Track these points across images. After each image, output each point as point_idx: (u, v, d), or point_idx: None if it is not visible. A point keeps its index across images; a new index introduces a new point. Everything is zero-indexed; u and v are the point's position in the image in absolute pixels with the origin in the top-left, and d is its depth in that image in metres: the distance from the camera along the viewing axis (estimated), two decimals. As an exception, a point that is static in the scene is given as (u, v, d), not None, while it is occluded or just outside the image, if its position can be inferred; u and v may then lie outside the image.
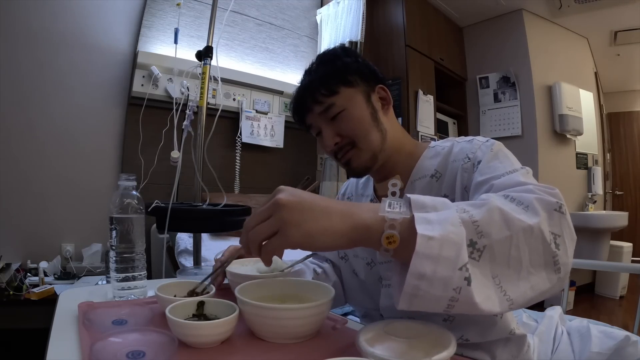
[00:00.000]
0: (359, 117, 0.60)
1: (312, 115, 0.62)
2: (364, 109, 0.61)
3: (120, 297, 0.58)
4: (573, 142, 2.76)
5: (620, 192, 3.39)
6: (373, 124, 0.61)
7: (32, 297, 1.34)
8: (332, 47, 0.66)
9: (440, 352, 0.32)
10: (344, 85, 0.60)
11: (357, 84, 0.61)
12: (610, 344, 0.64)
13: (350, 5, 2.26)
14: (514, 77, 2.63)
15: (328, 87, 0.60)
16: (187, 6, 1.98)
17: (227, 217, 1.10)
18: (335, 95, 0.60)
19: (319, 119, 0.61)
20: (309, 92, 0.61)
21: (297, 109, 0.65)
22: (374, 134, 0.60)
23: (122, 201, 0.58)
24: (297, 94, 0.64)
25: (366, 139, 0.60)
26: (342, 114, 0.60)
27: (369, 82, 0.63)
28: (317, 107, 0.61)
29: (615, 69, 3.19)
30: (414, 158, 0.63)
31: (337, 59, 0.62)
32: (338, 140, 0.61)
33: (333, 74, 0.61)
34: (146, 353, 0.37)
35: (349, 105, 0.60)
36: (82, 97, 1.80)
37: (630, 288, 2.76)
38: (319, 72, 0.62)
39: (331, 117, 0.60)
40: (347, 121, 0.60)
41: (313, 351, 0.40)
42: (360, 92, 0.61)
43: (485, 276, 0.34)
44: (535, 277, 0.35)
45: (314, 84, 0.61)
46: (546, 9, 2.59)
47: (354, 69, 0.62)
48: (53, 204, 1.71)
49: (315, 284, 0.50)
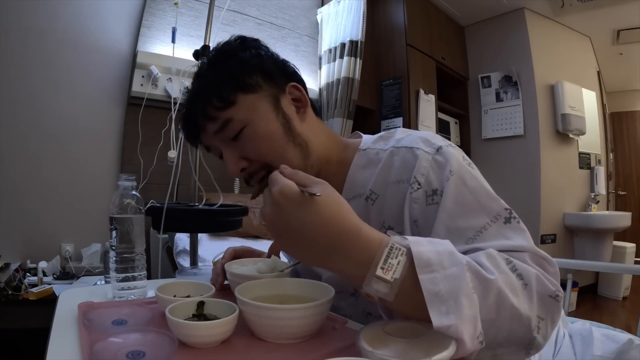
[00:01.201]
0: (267, 133, 0.47)
1: (206, 135, 0.49)
2: (272, 121, 0.47)
3: (120, 297, 0.58)
4: (576, 142, 2.75)
5: (623, 192, 3.37)
6: (287, 138, 0.48)
7: (30, 297, 1.34)
8: (227, 40, 0.51)
9: (440, 352, 0.32)
10: (241, 91, 0.47)
11: (260, 88, 0.48)
12: (613, 348, 0.63)
13: (350, 5, 2.26)
14: (516, 76, 2.63)
15: (220, 97, 0.46)
16: (187, 6, 1.98)
17: (223, 217, 1.10)
18: (231, 108, 0.46)
19: (216, 139, 0.48)
20: (198, 105, 0.47)
21: (187, 127, 0.50)
22: (290, 151, 0.48)
23: (122, 201, 0.57)
24: (185, 108, 0.50)
25: (282, 159, 0.46)
26: (245, 131, 0.46)
27: (277, 81, 0.49)
28: (210, 125, 0.47)
29: (618, 68, 3.17)
30: (344, 166, 0.51)
31: (231, 57, 0.48)
32: (245, 165, 0.48)
33: (226, 78, 0.47)
34: (146, 353, 0.36)
35: (252, 118, 0.46)
36: (82, 97, 1.80)
37: (634, 289, 2.75)
38: (209, 77, 0.48)
39: (231, 136, 0.47)
40: (252, 141, 0.47)
41: (313, 351, 0.40)
42: (265, 98, 0.48)
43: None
44: (507, 356, 0.35)
45: (204, 94, 0.47)
46: (548, 7, 2.58)
47: (254, 66, 0.48)
48: (53, 204, 1.71)
49: (315, 284, 0.50)
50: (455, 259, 0.32)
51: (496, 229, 0.39)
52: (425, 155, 0.44)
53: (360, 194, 0.48)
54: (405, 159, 0.45)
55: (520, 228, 0.40)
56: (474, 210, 0.40)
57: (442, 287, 0.30)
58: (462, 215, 0.40)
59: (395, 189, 0.45)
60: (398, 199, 0.44)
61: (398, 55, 2.40)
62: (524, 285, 0.34)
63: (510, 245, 0.38)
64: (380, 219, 0.46)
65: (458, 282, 0.30)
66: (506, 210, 0.41)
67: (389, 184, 0.46)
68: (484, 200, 0.41)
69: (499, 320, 0.33)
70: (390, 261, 0.31)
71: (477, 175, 0.43)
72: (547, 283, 0.35)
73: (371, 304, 0.48)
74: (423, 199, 0.43)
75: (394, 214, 0.45)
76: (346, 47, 2.24)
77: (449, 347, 0.33)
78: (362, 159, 0.50)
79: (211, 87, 0.47)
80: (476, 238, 0.39)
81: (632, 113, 3.52)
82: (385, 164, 0.47)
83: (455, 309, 0.29)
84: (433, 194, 0.42)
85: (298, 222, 0.32)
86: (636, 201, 3.41)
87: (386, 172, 0.47)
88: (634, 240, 2.85)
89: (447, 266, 0.31)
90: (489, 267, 0.34)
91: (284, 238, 0.33)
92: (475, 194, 0.41)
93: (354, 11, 2.24)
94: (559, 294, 0.35)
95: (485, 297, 0.32)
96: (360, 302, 0.53)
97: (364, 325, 0.39)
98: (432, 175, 0.43)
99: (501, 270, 0.34)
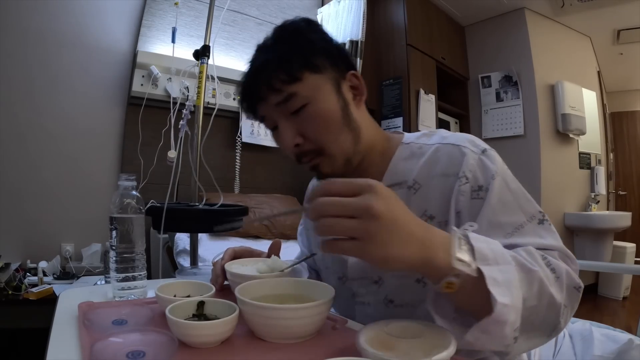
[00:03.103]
0: (327, 113, 0.48)
1: (265, 106, 0.50)
2: (333, 103, 0.49)
3: (120, 297, 0.58)
4: (576, 142, 2.75)
5: (623, 192, 3.37)
6: (343, 121, 0.50)
7: (30, 296, 1.34)
8: (292, 19, 0.52)
9: (440, 352, 0.32)
10: (309, 70, 0.48)
11: (325, 70, 0.49)
12: (613, 348, 0.63)
13: (351, 4, 2.26)
14: (516, 76, 2.62)
15: (289, 72, 0.47)
16: (187, 6, 1.98)
17: (223, 217, 1.10)
18: (297, 83, 0.47)
19: (275, 112, 0.49)
20: (263, 76, 0.48)
21: (247, 96, 0.52)
22: (344, 135, 0.50)
23: (122, 201, 0.57)
24: (247, 77, 0.51)
25: (336, 142, 0.49)
26: (306, 108, 0.48)
27: (340, 67, 0.51)
28: (273, 96, 0.48)
29: (618, 67, 3.17)
30: (386, 157, 0.53)
31: (300, 36, 0.50)
32: (299, 141, 0.49)
33: (296, 54, 0.48)
34: (146, 353, 0.36)
35: (315, 96, 0.48)
36: (82, 96, 1.80)
37: (634, 289, 2.75)
38: (278, 51, 0.49)
39: (292, 111, 0.48)
40: (312, 118, 0.48)
41: (313, 351, 0.40)
42: (328, 81, 0.49)
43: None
44: (535, 339, 0.40)
45: (271, 66, 0.48)
46: (549, 7, 2.58)
47: (321, 49, 0.50)
48: (53, 204, 1.72)
49: (315, 284, 0.50)
50: (506, 258, 0.36)
51: (531, 228, 0.44)
52: (472, 154, 0.47)
53: (401, 182, 0.50)
54: (452, 155, 0.48)
55: (551, 230, 0.45)
56: (514, 210, 0.45)
57: (498, 275, 0.34)
58: (503, 213, 0.44)
59: (441, 181, 0.48)
60: (444, 190, 0.47)
61: (398, 55, 2.40)
62: (556, 278, 0.39)
63: (543, 243, 0.43)
64: (422, 207, 0.49)
65: (509, 276, 0.34)
66: (540, 212, 0.46)
67: (433, 176, 0.49)
68: (522, 202, 0.46)
69: (540, 307, 0.38)
70: (462, 247, 0.35)
71: (516, 180, 0.48)
72: (573, 276, 0.41)
73: (394, 292, 0.52)
74: (469, 193, 0.46)
75: (437, 203, 0.48)
76: (346, 47, 2.24)
77: (449, 347, 0.33)
78: (405, 151, 0.53)
79: (279, 60, 0.48)
80: (514, 234, 0.44)
81: (632, 113, 3.51)
82: (430, 158, 0.50)
83: (509, 294, 0.33)
84: (479, 189, 0.46)
85: (403, 215, 0.33)
86: (636, 201, 3.40)
87: (431, 165, 0.49)
88: (634, 240, 2.85)
89: (500, 262, 0.35)
90: (529, 259, 0.38)
91: (390, 234, 0.32)
92: (515, 196, 0.46)
93: (354, 11, 2.24)
94: (581, 286, 0.41)
95: (530, 285, 0.37)
96: (382, 290, 0.53)
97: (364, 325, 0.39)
98: (478, 173, 0.46)
99: (539, 264, 0.39)
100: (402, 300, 0.51)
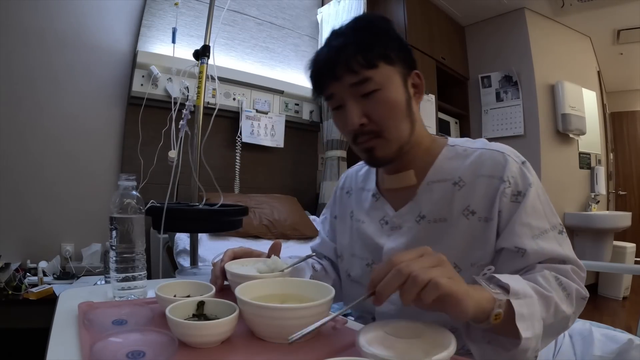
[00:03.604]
0: (395, 101, 0.53)
1: (338, 85, 0.53)
2: (400, 93, 0.54)
3: (120, 297, 0.58)
4: (576, 142, 2.75)
5: (623, 192, 3.37)
6: (406, 112, 0.55)
7: (30, 296, 1.34)
8: (369, 13, 0.60)
9: (440, 352, 0.32)
10: (384, 61, 0.52)
11: (397, 64, 0.54)
12: (613, 347, 0.63)
13: (351, 4, 2.26)
14: (516, 76, 2.62)
15: (367, 58, 0.51)
16: (187, 6, 1.98)
17: (223, 217, 1.10)
18: (373, 69, 0.51)
19: (346, 92, 0.53)
20: (343, 57, 0.51)
21: (320, 73, 0.55)
22: (405, 123, 0.55)
23: (122, 201, 0.57)
24: (324, 56, 0.54)
25: (396, 128, 0.54)
26: (377, 93, 0.52)
27: (408, 64, 0.56)
28: (348, 77, 0.52)
29: (618, 67, 3.17)
30: (430, 155, 0.58)
31: (379, 28, 0.54)
32: (364, 121, 0.53)
33: (375, 43, 0.52)
34: (146, 353, 0.36)
35: (386, 85, 0.52)
36: (82, 96, 1.80)
37: (634, 289, 2.75)
38: (359, 37, 0.53)
39: (363, 93, 0.52)
40: (380, 103, 0.52)
41: (313, 351, 0.40)
42: (398, 73, 0.54)
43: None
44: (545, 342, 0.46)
45: (351, 49, 0.51)
46: (549, 7, 2.58)
47: (397, 45, 0.54)
48: (53, 204, 1.72)
49: (315, 284, 0.50)
50: (529, 292, 0.43)
51: (553, 235, 0.52)
52: (514, 162, 0.54)
53: (446, 178, 0.56)
54: (496, 160, 0.54)
55: (568, 241, 0.53)
56: (541, 217, 0.52)
57: (524, 310, 0.41)
58: (533, 217, 0.51)
59: (486, 181, 0.53)
60: (488, 189, 0.53)
61: (398, 55, 2.40)
62: (567, 295, 0.47)
63: (561, 253, 0.50)
64: (466, 202, 0.54)
65: (533, 309, 0.42)
66: (560, 224, 0.54)
67: (478, 175, 0.54)
68: (547, 212, 0.53)
69: (555, 323, 0.46)
70: (496, 289, 0.42)
71: (545, 192, 0.55)
72: (581, 290, 0.49)
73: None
74: (509, 196, 0.52)
75: (480, 201, 0.53)
76: (346, 47, 2.24)
77: (448, 347, 0.33)
78: (451, 152, 0.58)
79: (359, 45, 0.52)
80: (539, 237, 0.50)
81: (632, 113, 3.51)
82: (476, 160, 0.55)
83: (531, 327, 0.41)
84: (517, 194, 0.52)
85: (454, 272, 0.40)
86: (636, 201, 3.40)
87: (476, 166, 0.55)
88: (634, 240, 2.85)
89: (528, 296, 0.43)
90: (546, 286, 0.46)
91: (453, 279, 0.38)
92: (544, 206, 0.53)
93: (354, 11, 2.24)
94: (587, 296, 0.49)
95: (548, 308, 0.45)
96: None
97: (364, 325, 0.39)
98: (519, 180, 0.53)
99: (553, 287, 0.47)
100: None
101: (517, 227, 0.50)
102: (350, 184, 0.71)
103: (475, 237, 0.53)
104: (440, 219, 0.55)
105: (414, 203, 0.58)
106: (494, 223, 0.52)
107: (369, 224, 0.63)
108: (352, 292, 0.65)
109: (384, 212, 0.61)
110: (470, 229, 0.53)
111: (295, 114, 2.37)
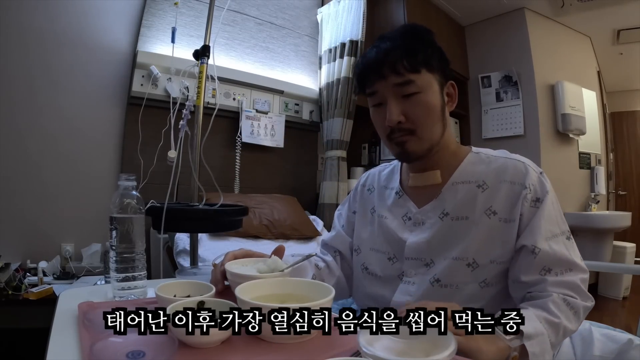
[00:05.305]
0: (432, 104, 0.59)
1: (383, 84, 0.59)
2: (437, 99, 0.60)
3: (120, 297, 0.58)
4: (576, 142, 2.75)
5: (623, 192, 3.37)
6: (440, 116, 0.61)
7: (30, 296, 1.34)
8: (414, 24, 0.65)
9: (440, 352, 0.32)
10: (426, 67, 0.59)
11: (437, 72, 0.60)
12: (613, 348, 0.64)
13: (350, 4, 2.26)
14: (516, 76, 2.62)
15: (412, 63, 0.57)
16: (187, 6, 1.98)
17: (222, 217, 1.10)
18: (416, 74, 0.58)
19: (390, 91, 0.59)
20: (390, 59, 0.58)
21: (367, 72, 0.60)
22: (437, 126, 0.61)
23: (122, 201, 0.57)
24: (373, 55, 0.60)
25: (429, 129, 0.60)
26: (417, 96, 0.58)
27: (445, 74, 0.63)
28: (393, 78, 0.58)
29: (618, 67, 3.17)
30: (456, 158, 0.64)
31: (423, 38, 0.61)
32: (402, 119, 0.59)
33: (420, 51, 0.58)
34: (146, 353, 0.37)
35: (426, 89, 0.59)
36: (82, 96, 1.80)
37: (634, 289, 2.75)
38: (406, 43, 0.58)
39: (405, 94, 0.58)
40: (419, 105, 0.58)
41: (313, 351, 0.40)
42: (436, 81, 0.61)
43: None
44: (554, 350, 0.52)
45: (398, 53, 0.57)
46: (548, 7, 2.58)
47: (438, 56, 0.61)
48: (53, 204, 1.72)
49: (315, 284, 0.50)
50: (539, 330, 0.48)
51: (562, 240, 0.58)
52: (534, 172, 0.60)
53: (470, 180, 0.62)
54: (518, 168, 0.60)
55: (575, 246, 0.59)
56: (553, 222, 0.58)
57: (537, 349, 0.47)
58: (547, 221, 0.57)
59: (509, 186, 0.59)
60: (510, 194, 0.59)
61: (398, 55, 2.40)
62: (574, 313, 0.54)
63: (568, 258, 0.56)
64: (488, 203, 0.59)
65: (544, 346, 0.48)
66: (568, 231, 0.59)
67: (502, 180, 0.60)
68: (559, 218, 0.59)
69: (561, 338, 0.53)
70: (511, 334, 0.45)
71: (558, 201, 0.61)
72: (587, 305, 0.56)
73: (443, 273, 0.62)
74: (530, 200, 0.58)
75: (502, 203, 0.59)
76: (346, 47, 2.24)
77: (449, 347, 0.33)
78: (475, 158, 0.64)
79: (406, 51, 0.58)
80: (551, 239, 0.56)
81: (632, 113, 3.51)
82: (500, 167, 0.61)
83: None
84: (537, 200, 0.58)
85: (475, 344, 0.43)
86: (636, 201, 3.40)
87: (500, 172, 0.60)
88: (634, 240, 2.85)
89: (539, 334, 0.48)
90: (555, 312, 0.51)
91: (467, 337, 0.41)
92: (556, 212, 0.59)
93: (354, 11, 2.24)
94: (592, 305, 0.56)
95: (557, 333, 0.51)
96: (431, 271, 0.62)
97: (364, 325, 0.39)
98: (537, 187, 0.59)
99: (562, 310, 0.52)
100: (450, 281, 0.60)
101: (535, 229, 0.56)
102: (372, 182, 0.75)
103: (494, 236, 0.58)
104: (463, 217, 0.60)
105: (438, 201, 0.63)
106: (515, 224, 0.57)
107: (392, 220, 0.67)
108: (367, 284, 0.68)
109: (407, 209, 0.66)
110: (491, 228, 0.58)
111: (295, 114, 2.37)
